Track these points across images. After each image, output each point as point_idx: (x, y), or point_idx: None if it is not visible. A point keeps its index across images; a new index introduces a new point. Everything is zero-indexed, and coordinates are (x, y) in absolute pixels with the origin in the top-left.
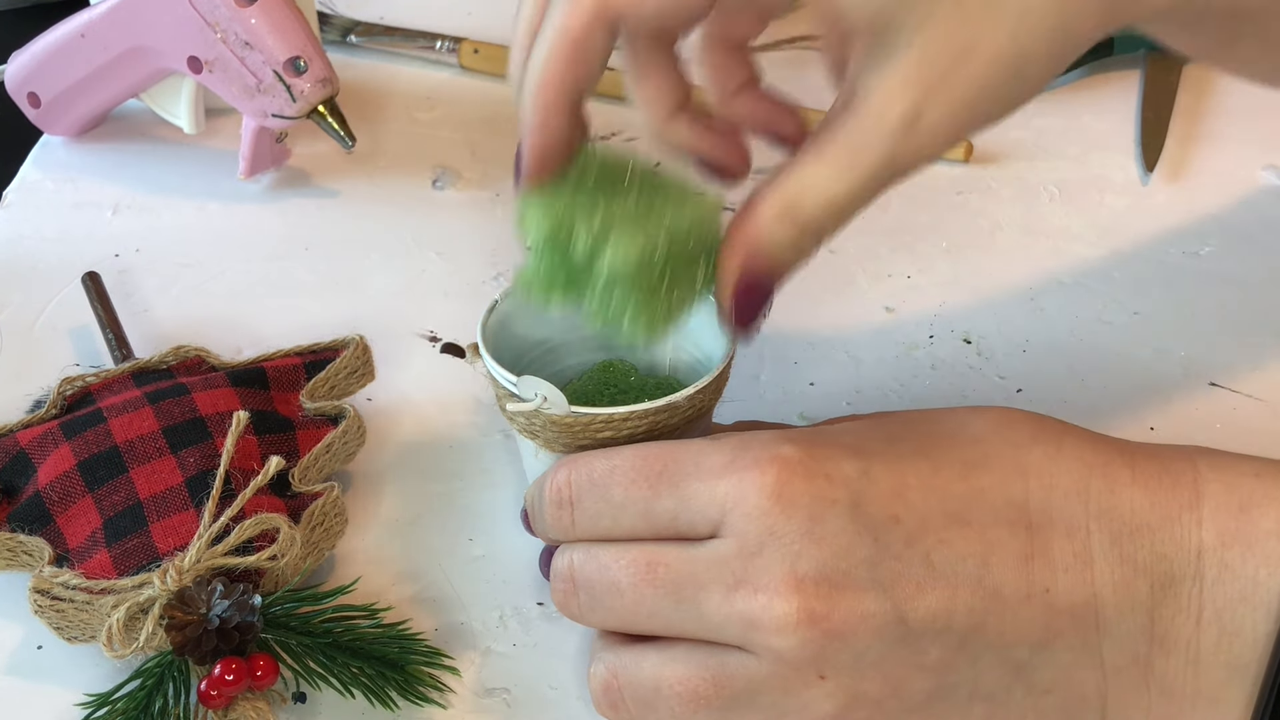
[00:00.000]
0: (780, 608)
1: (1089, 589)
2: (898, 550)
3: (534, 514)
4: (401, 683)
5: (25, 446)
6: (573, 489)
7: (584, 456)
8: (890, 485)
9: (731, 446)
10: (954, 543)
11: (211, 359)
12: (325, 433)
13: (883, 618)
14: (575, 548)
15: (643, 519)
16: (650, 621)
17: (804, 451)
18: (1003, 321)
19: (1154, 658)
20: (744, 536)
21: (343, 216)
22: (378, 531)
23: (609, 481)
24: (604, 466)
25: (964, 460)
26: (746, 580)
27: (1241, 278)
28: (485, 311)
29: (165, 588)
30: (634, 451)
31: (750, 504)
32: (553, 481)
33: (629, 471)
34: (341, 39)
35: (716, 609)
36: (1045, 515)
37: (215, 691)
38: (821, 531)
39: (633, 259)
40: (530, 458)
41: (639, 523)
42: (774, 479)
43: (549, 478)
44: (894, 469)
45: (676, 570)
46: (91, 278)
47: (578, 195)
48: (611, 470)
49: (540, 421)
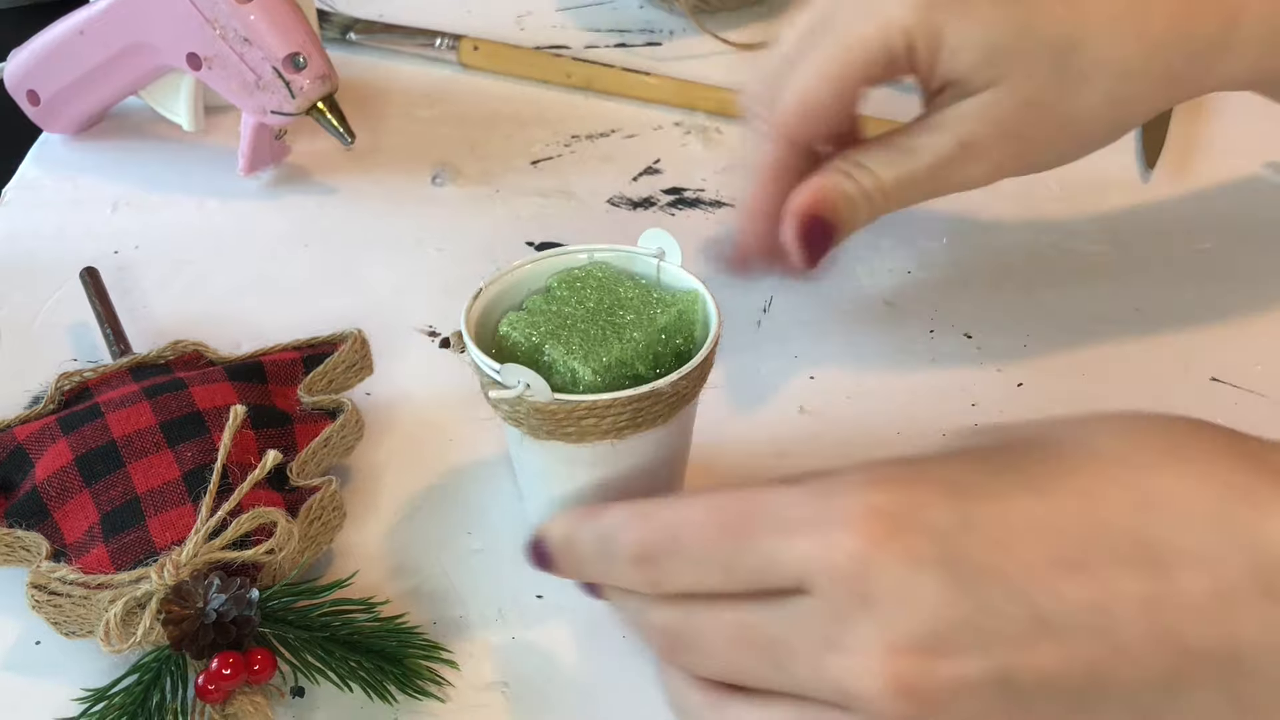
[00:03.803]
0: (874, 678)
1: (1229, 630)
2: (1001, 606)
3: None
4: (400, 676)
5: (23, 441)
6: (649, 547)
7: (650, 508)
8: (993, 532)
9: (814, 495)
10: (1067, 593)
11: (209, 353)
12: (323, 427)
13: (986, 682)
14: (663, 606)
15: (726, 577)
16: (751, 680)
17: (895, 500)
18: (1004, 316)
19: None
20: (833, 599)
21: (342, 213)
22: (375, 525)
23: (685, 538)
24: (675, 520)
25: (1079, 490)
26: (838, 645)
27: (1242, 273)
28: (470, 298)
29: (162, 582)
30: (706, 502)
31: (839, 566)
32: (630, 536)
33: (705, 526)
34: (341, 36)
35: (810, 674)
36: (1176, 549)
37: (213, 686)
38: (916, 593)
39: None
40: (515, 445)
41: (723, 581)
42: (863, 538)
43: (624, 534)
44: (997, 511)
45: (767, 634)
46: (90, 273)
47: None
48: (684, 525)
49: (524, 409)
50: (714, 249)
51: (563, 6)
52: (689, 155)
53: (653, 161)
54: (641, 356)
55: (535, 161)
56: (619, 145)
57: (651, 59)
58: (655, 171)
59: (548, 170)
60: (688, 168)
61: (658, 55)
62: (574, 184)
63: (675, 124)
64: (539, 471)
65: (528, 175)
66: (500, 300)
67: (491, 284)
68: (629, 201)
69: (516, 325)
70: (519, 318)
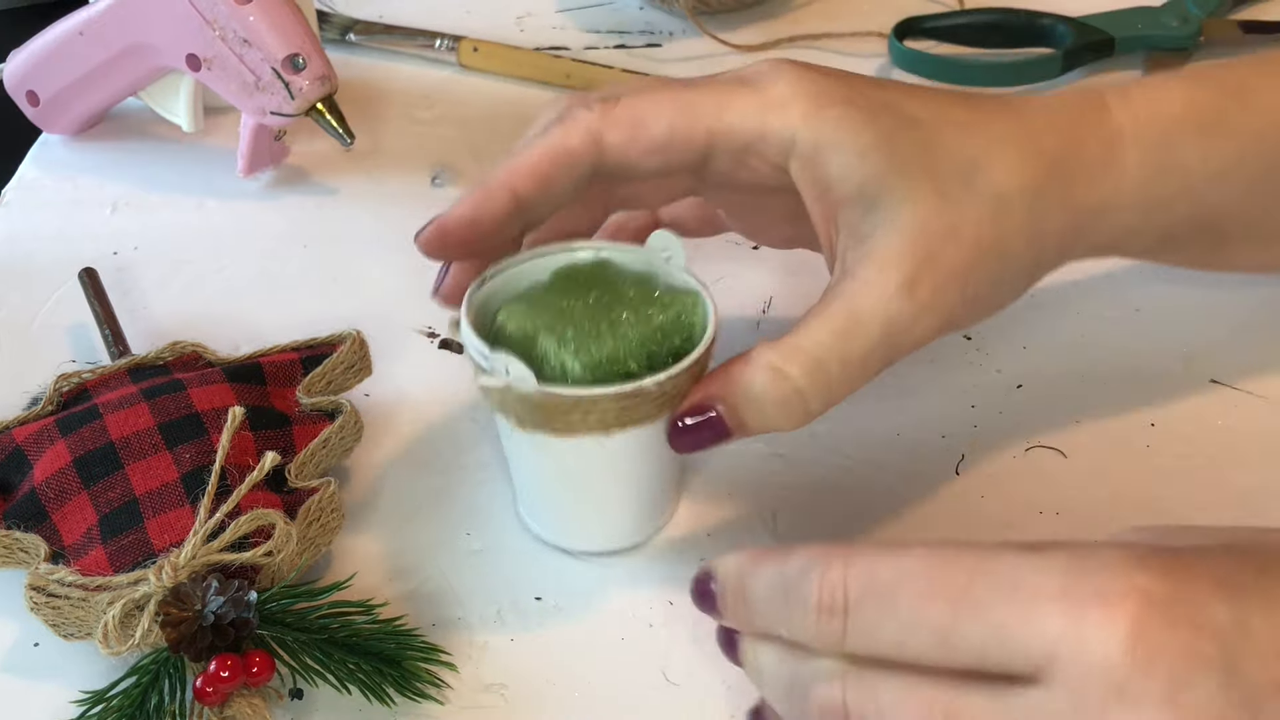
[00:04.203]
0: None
1: None
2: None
3: (744, 595)
4: (398, 678)
5: (21, 443)
6: (849, 592)
7: (864, 552)
8: (1272, 640)
9: (1064, 565)
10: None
11: (208, 354)
12: (322, 428)
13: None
14: (845, 675)
15: (938, 648)
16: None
17: (1166, 587)
18: (1002, 317)
19: None
20: (1081, 694)
21: (341, 214)
22: (374, 527)
23: (897, 590)
24: (891, 569)
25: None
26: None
27: (1243, 275)
28: (474, 284)
29: (161, 584)
30: (930, 556)
31: (1095, 652)
32: (824, 580)
33: (924, 580)
34: (340, 37)
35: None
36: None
37: (211, 688)
38: (1187, 699)
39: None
40: (505, 437)
41: (933, 651)
42: (1130, 623)
43: (815, 577)
44: (1276, 617)
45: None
46: (88, 273)
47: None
48: (901, 576)
49: (511, 397)
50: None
51: (563, 7)
52: None
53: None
54: (635, 354)
55: None
56: None
57: (651, 60)
58: None
59: None
60: None
61: (658, 56)
62: None
63: None
64: (529, 464)
65: None
66: (502, 290)
67: (495, 274)
68: None
69: (513, 315)
70: (517, 308)
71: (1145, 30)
